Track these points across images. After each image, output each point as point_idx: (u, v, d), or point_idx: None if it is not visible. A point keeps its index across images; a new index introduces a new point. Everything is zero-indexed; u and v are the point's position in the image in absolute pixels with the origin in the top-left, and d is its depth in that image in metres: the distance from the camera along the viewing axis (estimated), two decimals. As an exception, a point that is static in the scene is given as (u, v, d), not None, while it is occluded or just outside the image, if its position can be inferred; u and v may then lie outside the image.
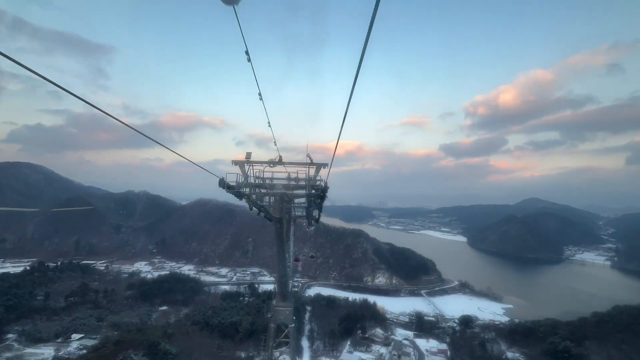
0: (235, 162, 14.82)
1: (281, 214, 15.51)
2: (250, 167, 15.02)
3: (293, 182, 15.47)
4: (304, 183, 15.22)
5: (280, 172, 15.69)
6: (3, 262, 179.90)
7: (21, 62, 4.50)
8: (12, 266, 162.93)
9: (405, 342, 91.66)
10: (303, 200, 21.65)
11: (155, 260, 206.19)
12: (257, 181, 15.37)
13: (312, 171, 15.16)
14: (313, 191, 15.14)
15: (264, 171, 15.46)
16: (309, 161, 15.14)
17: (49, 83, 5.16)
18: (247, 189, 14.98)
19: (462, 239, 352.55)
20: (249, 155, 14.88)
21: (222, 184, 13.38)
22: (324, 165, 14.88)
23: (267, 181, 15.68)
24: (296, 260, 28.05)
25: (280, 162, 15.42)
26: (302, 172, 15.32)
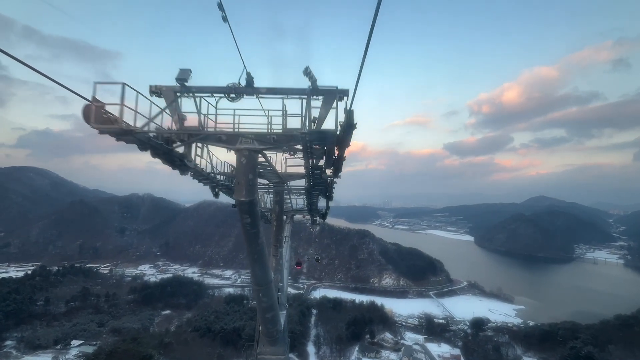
0: (156, 90, 7.57)
1: (252, 194, 7.96)
2: (189, 100, 7.75)
3: (276, 131, 7.66)
4: (300, 131, 7.27)
5: (252, 111, 8.02)
6: (7, 266, 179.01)
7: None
8: (17, 270, 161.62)
9: (416, 346, 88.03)
10: (302, 187, 14.23)
11: (160, 263, 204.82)
12: (204, 127, 7.83)
13: (315, 111, 7.36)
14: (316, 145, 7.52)
15: (216, 109, 7.98)
16: (308, 87, 7.19)
17: (57, 88, 3.27)
18: (182, 144, 7.82)
19: (469, 238, 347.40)
20: (184, 75, 7.45)
21: (88, 115, 6.31)
22: (342, 93, 6.97)
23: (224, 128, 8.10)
24: (298, 264, 24.32)
25: (249, 88, 7.72)
26: (294, 114, 7.57)
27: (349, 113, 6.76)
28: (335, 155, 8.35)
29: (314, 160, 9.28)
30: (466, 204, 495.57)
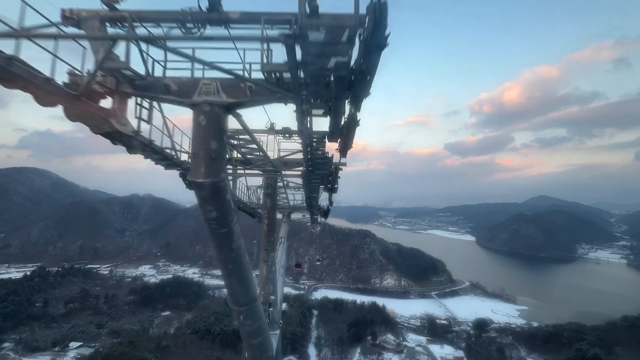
0: (71, 16, 5.44)
1: (217, 174, 5.47)
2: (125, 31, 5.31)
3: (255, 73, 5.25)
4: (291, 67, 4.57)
5: (219, 51, 5.35)
6: (8, 267, 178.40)
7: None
8: (17, 271, 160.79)
9: (419, 348, 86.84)
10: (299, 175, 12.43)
11: (160, 264, 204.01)
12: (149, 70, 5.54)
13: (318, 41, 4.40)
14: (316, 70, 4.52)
15: (166, 48, 5.33)
16: (303, 10, 4.19)
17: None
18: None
19: (470, 238, 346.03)
20: None
21: None
22: (355, 24, 4.10)
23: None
24: (297, 266, 23.20)
25: (214, 13, 5.00)
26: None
27: (380, 6, 3.64)
28: (345, 116, 5.47)
29: (310, 121, 5.96)
30: (467, 204, 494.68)
